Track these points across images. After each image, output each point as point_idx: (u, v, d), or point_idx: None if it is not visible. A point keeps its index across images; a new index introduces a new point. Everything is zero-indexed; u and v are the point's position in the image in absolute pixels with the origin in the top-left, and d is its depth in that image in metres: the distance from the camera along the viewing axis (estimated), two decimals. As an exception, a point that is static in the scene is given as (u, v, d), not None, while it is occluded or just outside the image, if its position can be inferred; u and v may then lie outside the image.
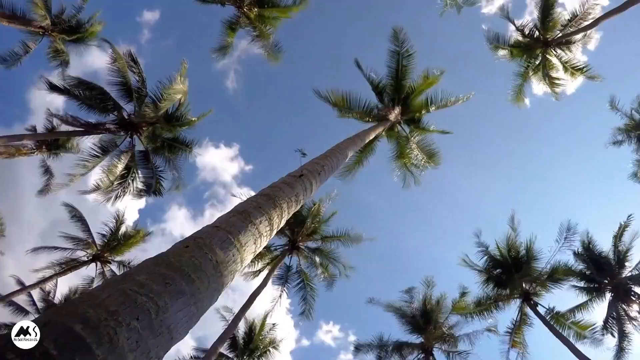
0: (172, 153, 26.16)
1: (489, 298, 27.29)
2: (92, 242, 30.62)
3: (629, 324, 25.67)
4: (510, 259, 27.36)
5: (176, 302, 4.71)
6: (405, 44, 22.05)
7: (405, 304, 29.46)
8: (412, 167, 24.30)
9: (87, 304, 3.98)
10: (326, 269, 27.64)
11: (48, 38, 30.90)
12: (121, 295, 4.27)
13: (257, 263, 27.82)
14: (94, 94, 23.03)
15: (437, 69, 22.16)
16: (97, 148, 24.45)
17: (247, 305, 24.25)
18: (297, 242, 27.79)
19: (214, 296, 5.70)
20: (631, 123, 31.31)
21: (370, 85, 23.03)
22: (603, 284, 26.79)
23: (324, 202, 27.97)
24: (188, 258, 5.39)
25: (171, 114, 25.58)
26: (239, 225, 6.81)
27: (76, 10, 31.49)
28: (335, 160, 12.70)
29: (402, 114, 22.65)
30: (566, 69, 27.96)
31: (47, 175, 31.60)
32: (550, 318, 26.22)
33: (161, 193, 26.96)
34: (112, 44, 23.52)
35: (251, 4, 27.45)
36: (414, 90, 22.18)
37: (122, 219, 31.05)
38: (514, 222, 27.77)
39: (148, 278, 4.71)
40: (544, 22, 27.26)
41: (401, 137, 23.64)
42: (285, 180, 9.50)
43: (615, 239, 26.79)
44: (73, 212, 29.92)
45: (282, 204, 8.32)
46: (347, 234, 28.09)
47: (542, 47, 27.96)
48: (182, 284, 4.94)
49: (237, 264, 6.37)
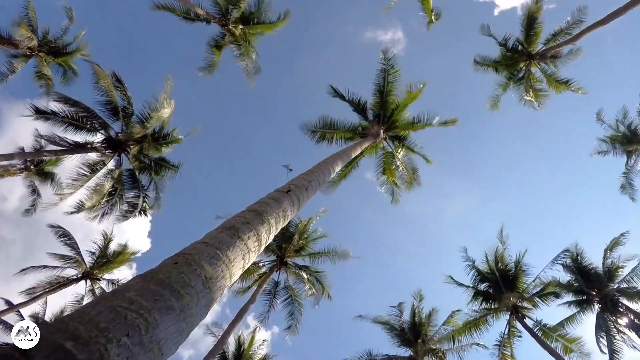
0: (157, 173, 26.14)
1: (478, 315, 27.28)
2: (81, 260, 30.41)
3: (618, 336, 25.73)
4: (498, 272, 27.46)
5: (166, 318, 4.75)
6: (392, 61, 22.40)
7: (395, 317, 29.43)
8: (398, 181, 24.53)
9: (77, 321, 4.01)
10: (313, 285, 27.62)
11: (35, 59, 30.98)
12: (111, 312, 4.30)
13: (246, 280, 27.76)
14: (80, 112, 22.95)
15: (420, 83, 22.47)
16: (84, 167, 24.37)
17: (235, 321, 24.17)
18: (284, 257, 27.77)
19: (204, 312, 5.73)
20: (616, 135, 31.73)
21: (352, 105, 23.35)
22: (591, 295, 26.92)
23: (312, 220, 28.06)
24: (177, 274, 5.42)
25: (158, 132, 25.62)
26: (228, 241, 6.86)
27: (62, 31, 31.60)
28: (322, 175, 12.78)
29: (387, 129, 22.91)
30: (550, 82, 28.24)
31: (34, 195, 31.49)
32: (538, 330, 26.28)
33: (146, 213, 26.86)
34: (97, 64, 23.51)
35: (236, 21, 27.69)
36: (399, 106, 22.43)
37: (111, 237, 30.89)
38: (502, 235, 27.95)
39: (138, 294, 4.74)
40: (527, 36, 27.57)
41: (387, 153, 23.87)
42: (273, 195, 9.54)
43: (606, 252, 27.09)
44: (60, 231, 29.70)
45: (269, 219, 8.37)
46: (334, 251, 28.09)
47: (525, 60, 28.30)
48: (171, 300, 4.98)
49: (226, 279, 6.41)
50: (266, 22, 28.14)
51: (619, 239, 27.13)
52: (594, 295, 26.82)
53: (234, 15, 27.49)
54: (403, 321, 29.17)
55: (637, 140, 30.98)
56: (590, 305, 26.81)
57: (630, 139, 31.03)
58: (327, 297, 27.92)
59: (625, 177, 32.18)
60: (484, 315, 27.21)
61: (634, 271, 26.45)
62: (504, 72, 28.99)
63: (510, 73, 28.97)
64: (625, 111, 31.17)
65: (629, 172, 31.97)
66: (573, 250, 27.57)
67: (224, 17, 27.51)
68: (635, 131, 30.98)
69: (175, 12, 26.85)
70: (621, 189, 32.41)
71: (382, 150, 23.80)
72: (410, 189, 24.79)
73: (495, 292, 27.44)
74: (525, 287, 27.25)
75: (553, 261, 27.24)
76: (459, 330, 27.17)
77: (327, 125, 23.33)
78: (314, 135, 23.57)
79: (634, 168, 31.91)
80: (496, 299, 27.37)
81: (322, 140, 23.61)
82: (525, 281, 27.27)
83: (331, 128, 23.31)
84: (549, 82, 28.26)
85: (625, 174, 32.16)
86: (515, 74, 29.03)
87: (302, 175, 11.72)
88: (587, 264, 27.40)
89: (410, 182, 24.43)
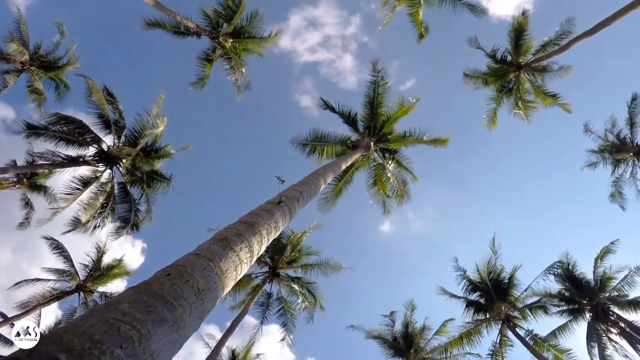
0: (149, 186, 26.13)
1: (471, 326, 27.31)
2: (74, 272, 30.31)
3: (609, 345, 25.78)
4: (490, 282, 27.55)
5: (159, 329, 4.76)
6: (381, 73, 22.54)
7: (387, 327, 29.45)
8: (389, 192, 24.56)
9: (71, 333, 4.02)
10: (305, 297, 27.60)
11: (27, 74, 31.02)
12: (104, 323, 4.31)
13: (239, 292, 27.71)
14: (73, 127, 22.98)
15: (413, 97, 22.58)
16: (77, 181, 24.37)
17: (228, 333, 24.16)
18: (277, 269, 27.75)
19: (197, 323, 5.75)
20: (605, 144, 31.90)
21: (342, 117, 23.48)
22: (582, 304, 27.03)
23: (306, 233, 28.11)
24: (170, 286, 5.45)
25: (150, 145, 25.68)
26: (220, 253, 6.89)
27: (54, 45, 31.69)
28: (313, 186, 12.83)
29: (378, 141, 23.01)
30: (538, 93, 28.26)
31: (28, 208, 31.42)
32: (529, 339, 26.33)
33: (139, 227, 26.78)
34: (89, 78, 23.56)
35: (227, 35, 27.81)
36: (390, 118, 22.53)
37: (104, 250, 30.82)
38: (494, 244, 28.05)
39: (131, 306, 4.76)
40: (516, 46, 27.62)
41: (377, 165, 23.96)
42: (264, 207, 9.59)
43: (596, 260, 27.23)
44: (54, 244, 29.62)
45: (261, 230, 8.41)
46: (327, 263, 28.15)
47: (515, 71, 28.35)
48: (164, 311, 5.00)
49: (218, 290, 6.44)
50: (257, 36, 28.23)
51: (610, 248, 27.31)
52: (585, 304, 26.93)
53: (224, 29, 27.60)
54: (395, 331, 29.19)
55: (625, 149, 31.21)
56: (581, 314, 26.92)
57: (619, 148, 31.23)
58: (320, 308, 27.91)
59: (614, 186, 32.37)
60: (476, 325, 27.28)
61: (625, 280, 26.60)
62: (495, 84, 28.96)
63: (500, 85, 28.94)
64: (614, 120, 31.42)
65: (619, 181, 32.14)
66: (564, 259, 27.75)
67: (214, 30, 27.60)
68: (624, 140, 31.21)
69: (166, 28, 26.90)
70: (611, 198, 32.62)
71: (373, 162, 23.88)
72: (401, 203, 24.81)
73: (487, 302, 27.53)
74: (517, 297, 27.37)
75: (545, 271, 27.43)
76: (452, 342, 27.19)
77: (318, 138, 23.44)
78: (305, 148, 23.65)
79: (623, 177, 32.10)
80: (488, 309, 27.44)
81: (313, 153, 23.67)
82: (516, 291, 27.41)
83: (322, 141, 23.40)
84: (537, 94, 28.28)
85: (614, 183, 32.35)
86: (506, 86, 29.02)
87: (293, 187, 11.77)
88: (578, 273, 27.56)
89: (401, 195, 24.44)
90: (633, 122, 30.65)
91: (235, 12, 26.93)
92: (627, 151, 31.25)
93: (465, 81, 29.14)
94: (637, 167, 31.55)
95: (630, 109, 30.37)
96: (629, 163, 31.76)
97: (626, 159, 31.55)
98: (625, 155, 31.35)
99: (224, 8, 27.06)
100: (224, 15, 27.27)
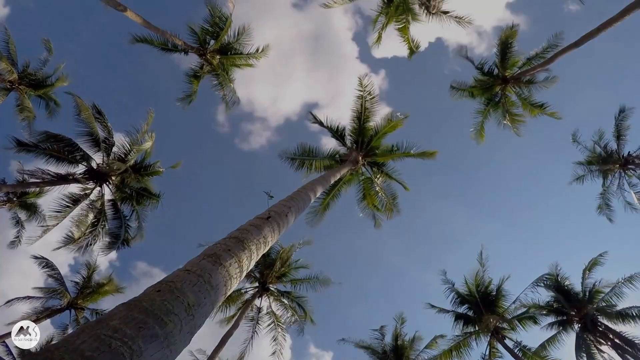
0: (139, 203, 26.14)
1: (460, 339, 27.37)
2: (65, 290, 30.15)
3: (598, 356, 25.85)
4: (478, 295, 27.66)
5: (150, 345, 4.83)
6: (369, 88, 22.75)
7: (376, 341, 29.44)
8: (379, 205, 24.68)
9: (62, 350, 4.09)
10: (295, 311, 27.62)
11: (15, 92, 31.01)
12: (96, 340, 4.37)
13: (229, 307, 27.65)
14: (63, 145, 23.02)
15: (402, 114, 22.80)
16: (67, 199, 24.35)
17: (219, 348, 24.12)
18: (266, 283, 27.78)
19: (187, 338, 5.81)
20: (593, 156, 31.92)
21: (330, 131, 23.73)
22: (571, 315, 27.18)
23: (295, 248, 28.20)
24: (160, 302, 5.52)
25: (139, 162, 25.74)
26: (210, 268, 6.97)
27: (42, 63, 31.69)
28: (302, 201, 12.94)
29: (366, 155, 23.17)
30: (525, 105, 28.34)
31: (18, 227, 31.31)
32: (518, 351, 26.42)
33: (129, 244, 26.75)
34: (77, 96, 23.59)
35: (214, 52, 27.98)
36: (378, 132, 22.72)
37: (94, 267, 30.69)
38: (482, 257, 28.21)
39: (121, 323, 4.83)
40: (502, 59, 27.66)
41: (366, 179, 24.11)
42: (253, 222, 9.67)
43: (584, 272, 27.40)
44: (44, 262, 29.46)
45: (250, 246, 8.49)
46: (315, 278, 28.25)
47: (501, 84, 28.40)
48: (155, 327, 5.06)
49: (208, 306, 6.51)
50: (244, 52, 28.41)
51: (598, 260, 27.48)
52: (574, 315, 27.07)
53: (212, 46, 27.76)
54: (385, 344, 29.19)
55: (612, 161, 31.39)
56: (570, 325, 27.02)
57: (606, 160, 31.38)
58: (311, 321, 27.92)
59: (602, 198, 32.37)
60: (465, 338, 27.36)
61: (613, 291, 26.75)
62: (482, 97, 29.01)
63: (487, 98, 28.99)
64: (602, 132, 31.45)
65: (606, 193, 32.23)
66: (553, 270, 27.88)
67: (201, 46, 27.75)
68: (611, 152, 31.34)
69: (154, 44, 27.02)
70: (598, 210, 32.53)
71: (361, 176, 24.03)
72: (391, 216, 24.91)
73: (475, 314, 27.63)
74: (505, 309, 27.48)
75: (534, 283, 27.57)
76: (442, 355, 27.21)
77: (306, 152, 23.62)
78: (293, 162, 23.80)
79: (610, 189, 32.25)
80: (477, 321, 27.53)
81: (302, 167, 23.84)
82: (505, 302, 27.53)
83: (310, 155, 23.58)
84: (524, 106, 28.36)
85: (602, 195, 32.34)
86: (493, 99, 29.04)
87: (282, 202, 11.86)
88: (567, 284, 27.72)
89: (390, 209, 24.56)
90: (620, 135, 30.74)
91: (222, 29, 27.10)
92: (614, 163, 31.39)
93: (452, 93, 29.13)
94: (624, 179, 31.72)
95: (617, 121, 30.50)
96: (616, 175, 31.89)
97: (613, 171, 31.68)
98: (612, 167, 31.49)
99: (210, 25, 27.22)
100: (210, 32, 27.43)
